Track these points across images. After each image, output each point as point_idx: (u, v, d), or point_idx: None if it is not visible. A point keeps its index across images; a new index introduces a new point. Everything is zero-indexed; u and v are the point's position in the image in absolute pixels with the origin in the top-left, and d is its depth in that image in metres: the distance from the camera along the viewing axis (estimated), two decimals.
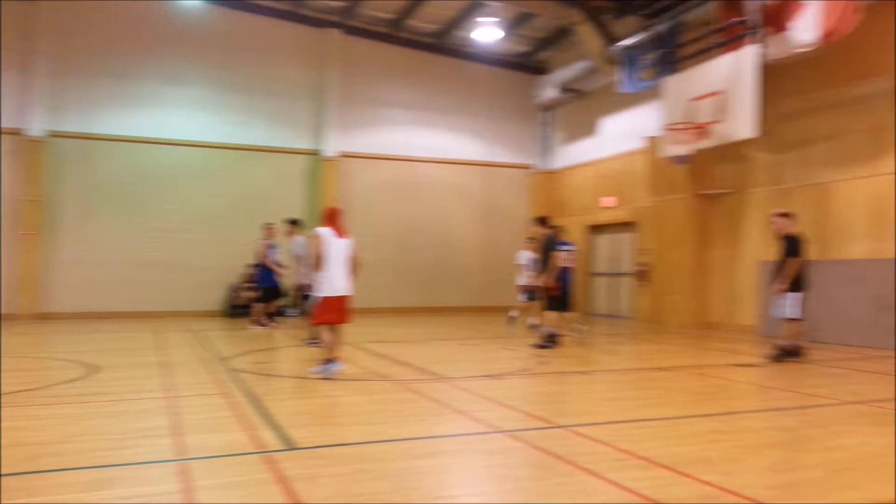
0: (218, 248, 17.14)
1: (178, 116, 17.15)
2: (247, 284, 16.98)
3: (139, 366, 8.46)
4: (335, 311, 7.37)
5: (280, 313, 14.00)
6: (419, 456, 4.40)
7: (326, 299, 7.36)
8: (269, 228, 13.56)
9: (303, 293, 10.85)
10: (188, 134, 17.19)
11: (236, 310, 16.75)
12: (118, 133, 16.55)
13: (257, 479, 3.82)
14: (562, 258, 10.62)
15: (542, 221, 11.08)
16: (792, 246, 9.13)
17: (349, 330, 7.97)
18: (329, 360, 7.37)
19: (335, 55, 18.31)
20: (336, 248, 7.40)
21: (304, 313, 11.43)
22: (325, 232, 7.43)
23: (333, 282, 7.34)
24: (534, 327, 12.87)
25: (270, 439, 4.68)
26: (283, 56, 18.08)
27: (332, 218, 7.58)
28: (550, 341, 10.32)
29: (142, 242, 16.62)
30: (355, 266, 7.59)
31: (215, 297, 17.13)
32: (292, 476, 3.83)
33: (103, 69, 16.48)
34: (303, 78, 18.21)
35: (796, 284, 9.07)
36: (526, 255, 13.33)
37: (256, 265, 13.97)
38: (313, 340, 10.15)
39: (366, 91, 18.81)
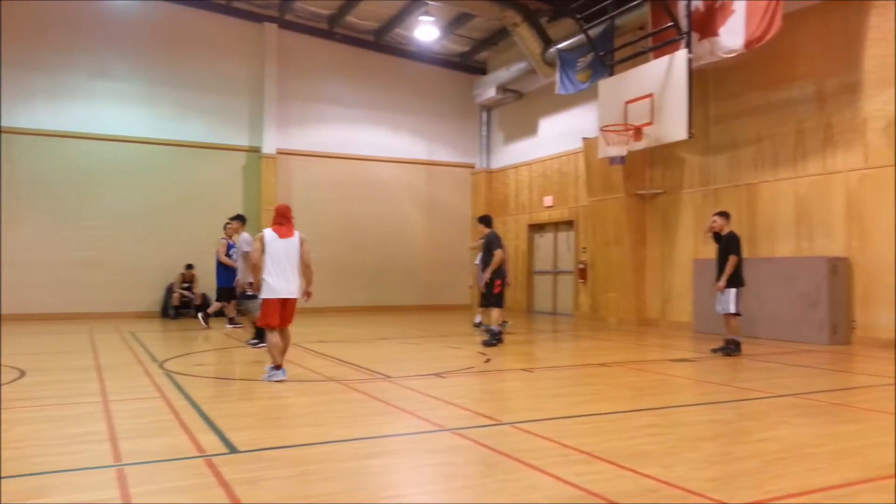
0: (155, 248, 16.71)
1: (109, 111, 16.61)
2: (186, 284, 16.61)
3: (75, 369, 8.19)
4: (277, 314, 7.20)
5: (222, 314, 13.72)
6: (366, 456, 4.38)
7: (267, 301, 7.20)
8: (229, 227, 13.04)
9: (244, 292, 10.64)
10: (120, 129, 16.67)
11: (175, 310, 16.37)
12: (44, 127, 15.93)
13: (199, 484, 3.74)
14: (502, 256, 10.73)
15: (485, 220, 11.18)
16: (731, 244, 9.49)
17: (292, 330, 7.84)
18: (273, 366, 7.28)
19: (272, 50, 18.03)
20: (278, 248, 7.19)
21: (244, 313, 11.24)
22: (266, 233, 7.27)
23: (274, 284, 7.16)
24: (479, 325, 13.00)
25: (212, 443, 4.58)
26: (218, 50, 17.71)
27: (278, 216, 7.39)
28: (496, 338, 10.42)
29: (74, 242, 16.06)
30: (305, 267, 7.37)
31: (153, 298, 16.70)
32: (235, 480, 3.76)
33: (29, 60, 15.81)
34: (239, 73, 17.89)
35: (735, 281, 9.44)
36: None
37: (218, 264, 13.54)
38: (254, 341, 10.00)
39: (305, 88, 18.60)
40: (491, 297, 10.66)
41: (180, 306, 16.42)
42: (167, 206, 16.92)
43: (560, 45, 15.56)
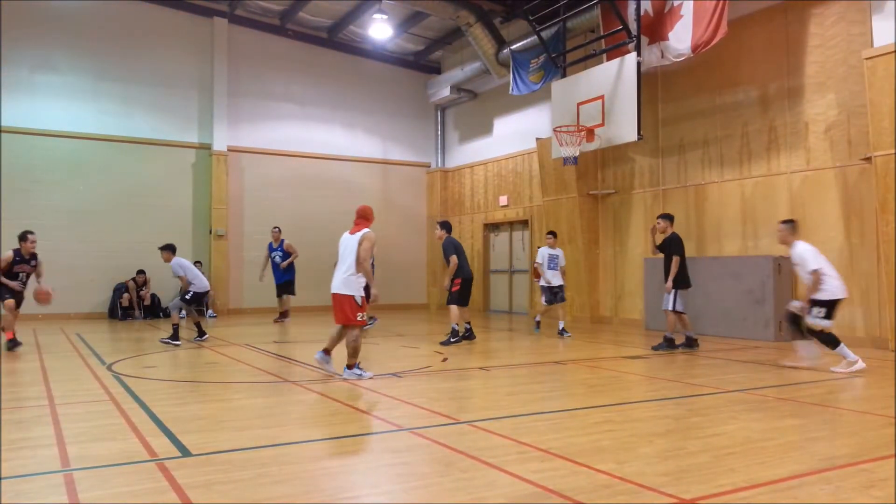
0: (101, 247, 16.28)
1: (52, 105, 16.10)
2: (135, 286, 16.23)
3: (18, 372, 7.91)
4: (333, 310, 7.34)
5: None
6: (322, 458, 4.34)
7: None
8: (275, 231, 14.74)
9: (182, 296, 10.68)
10: (64, 124, 16.19)
11: (123, 312, 15.97)
12: None
13: (151, 489, 3.65)
14: (456, 262, 10.74)
15: (445, 226, 11.08)
16: (672, 245, 9.71)
17: (247, 331, 7.73)
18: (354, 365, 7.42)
19: (222, 46, 17.73)
20: (342, 245, 7.38)
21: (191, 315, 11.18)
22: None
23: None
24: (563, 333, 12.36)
25: (164, 446, 4.48)
26: (166, 45, 17.33)
27: (356, 216, 7.61)
28: (455, 336, 10.45)
29: (14, 240, 15.47)
30: (357, 265, 7.21)
31: (100, 299, 16.26)
32: (188, 484, 3.68)
33: None
34: (188, 68, 17.53)
35: (679, 282, 9.66)
36: (546, 254, 12.08)
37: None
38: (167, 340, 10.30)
39: (256, 84, 18.34)
40: (450, 295, 10.75)
41: (129, 307, 16.03)
42: (113, 204, 16.49)
43: (513, 46, 15.68)
